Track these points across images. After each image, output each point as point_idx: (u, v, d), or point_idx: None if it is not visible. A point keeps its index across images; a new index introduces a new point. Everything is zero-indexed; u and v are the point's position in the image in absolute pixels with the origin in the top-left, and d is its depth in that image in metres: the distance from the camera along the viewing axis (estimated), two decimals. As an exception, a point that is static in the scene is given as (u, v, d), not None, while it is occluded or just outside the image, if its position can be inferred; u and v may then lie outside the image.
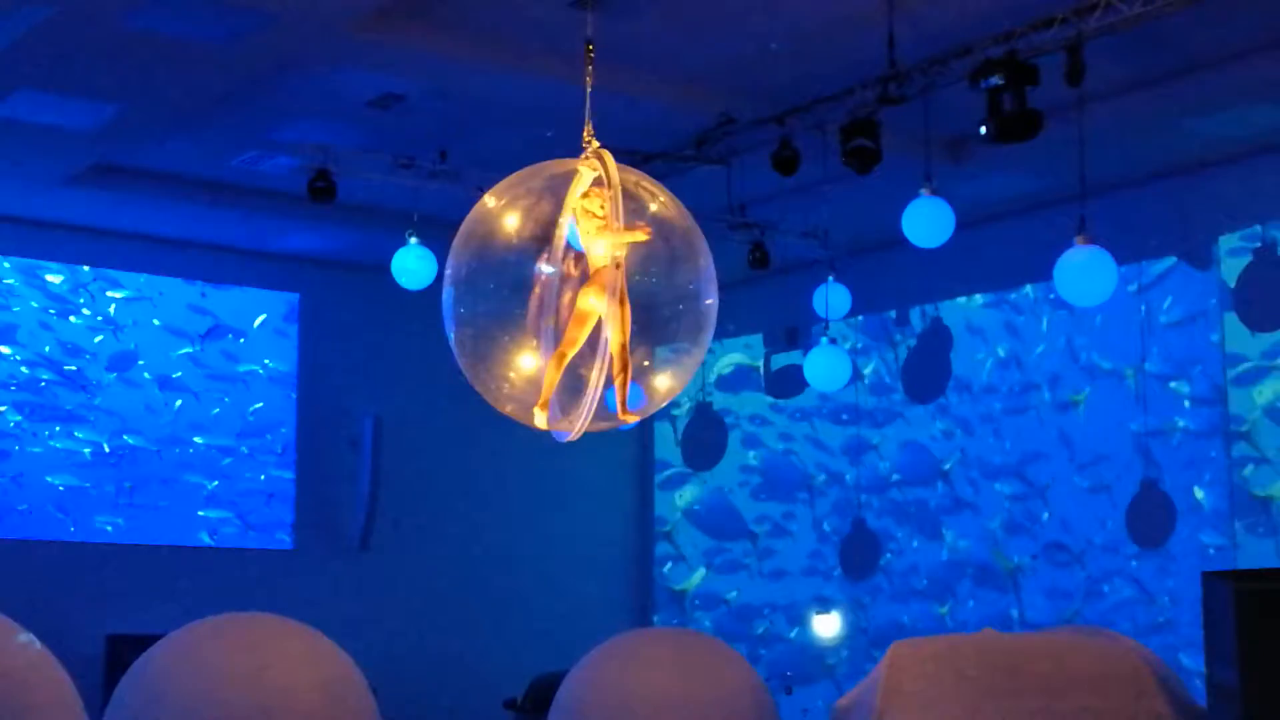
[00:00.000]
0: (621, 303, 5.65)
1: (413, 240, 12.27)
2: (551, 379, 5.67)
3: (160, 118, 11.48)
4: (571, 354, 5.67)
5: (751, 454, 17.00)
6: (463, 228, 5.77)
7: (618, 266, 5.62)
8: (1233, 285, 12.76)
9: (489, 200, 5.78)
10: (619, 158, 5.99)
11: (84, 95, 10.92)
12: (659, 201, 5.83)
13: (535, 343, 5.72)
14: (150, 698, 8.96)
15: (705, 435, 16.79)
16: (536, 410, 5.70)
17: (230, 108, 11.29)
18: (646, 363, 5.82)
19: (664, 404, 6.08)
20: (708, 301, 5.87)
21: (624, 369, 5.66)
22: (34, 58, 10.17)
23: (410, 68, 10.58)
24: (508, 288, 5.77)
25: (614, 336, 5.63)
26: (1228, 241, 12.90)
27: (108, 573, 14.42)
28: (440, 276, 5.97)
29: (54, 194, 13.29)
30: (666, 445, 17.22)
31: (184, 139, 12.14)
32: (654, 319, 5.81)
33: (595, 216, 5.64)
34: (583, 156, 5.83)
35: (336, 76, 10.74)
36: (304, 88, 10.94)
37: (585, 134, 5.92)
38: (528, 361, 5.77)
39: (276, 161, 12.62)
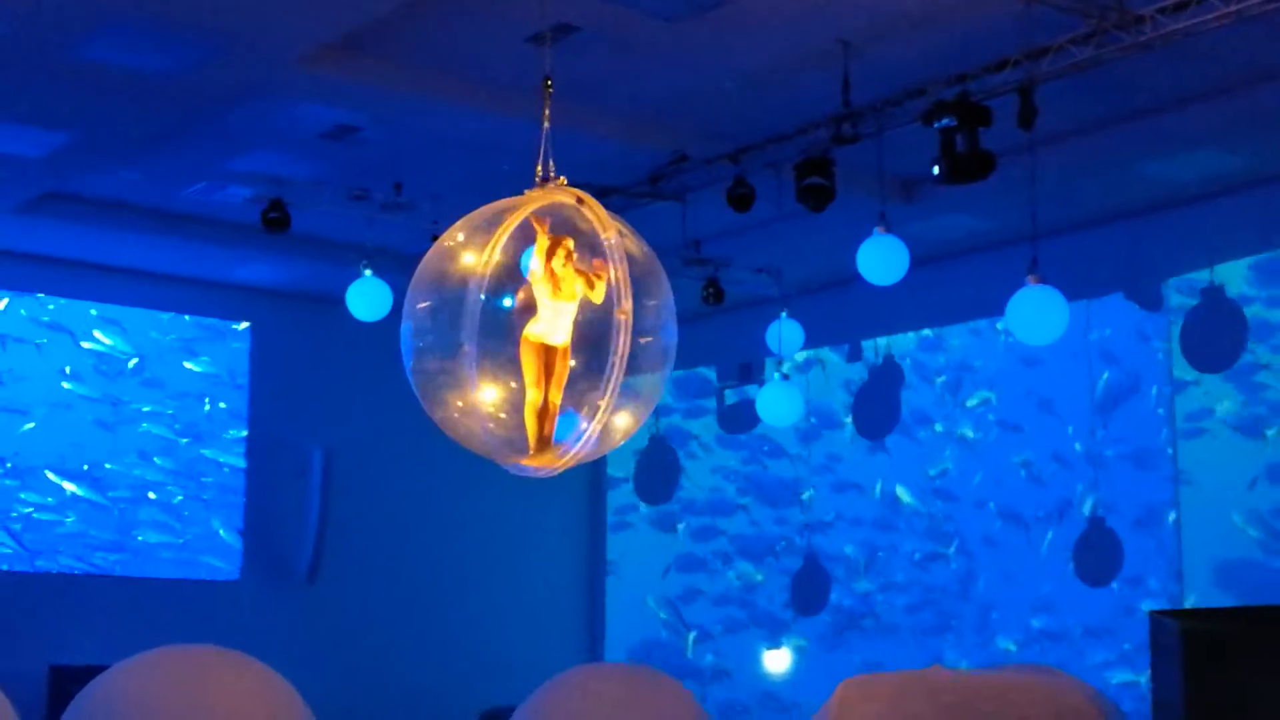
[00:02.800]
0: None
1: (367, 272, 12.25)
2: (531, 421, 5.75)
3: (112, 147, 11.42)
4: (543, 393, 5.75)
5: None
6: (422, 264, 5.80)
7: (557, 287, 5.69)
8: (1180, 327, 12.89)
9: (447, 239, 5.82)
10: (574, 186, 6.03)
11: (35, 123, 10.86)
12: (623, 237, 5.86)
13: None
14: (93, 731, 8.87)
15: (658, 468, 16.79)
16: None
17: (183, 138, 11.24)
18: (604, 400, 5.83)
19: (622, 441, 6.07)
20: (667, 338, 5.89)
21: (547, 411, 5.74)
22: (-15, 85, 10.12)
23: (365, 100, 10.57)
24: (464, 322, 5.80)
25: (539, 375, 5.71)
26: (1176, 283, 13.03)
27: (51, 603, 14.26)
28: (395, 309, 6.01)
29: (3, 221, 13.20)
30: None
31: (136, 168, 12.08)
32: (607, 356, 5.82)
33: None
34: (543, 190, 5.89)
35: (290, 108, 10.71)
36: (258, 119, 10.91)
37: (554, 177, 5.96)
38: (488, 394, 5.80)
39: (229, 192, 12.57)
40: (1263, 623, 8.93)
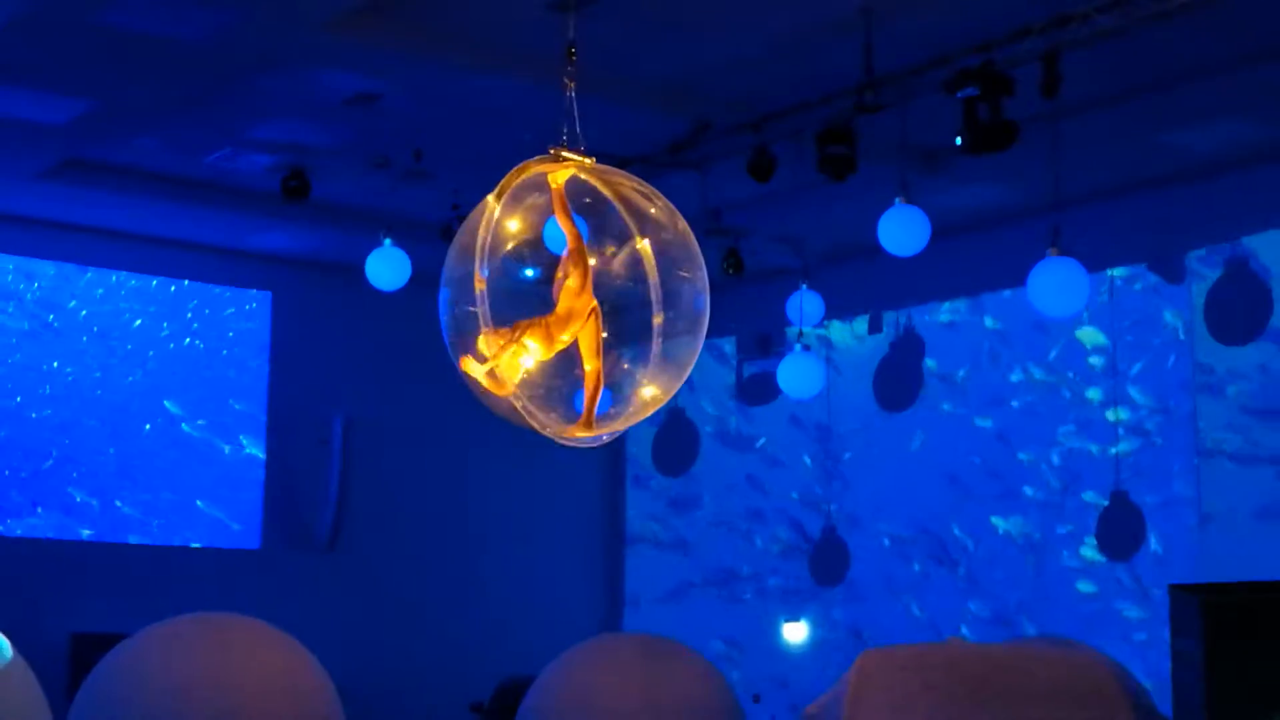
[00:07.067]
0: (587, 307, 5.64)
1: (387, 241, 12.22)
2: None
3: (133, 114, 11.42)
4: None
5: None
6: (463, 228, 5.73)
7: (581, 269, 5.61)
8: (1204, 299, 12.82)
9: (491, 200, 5.75)
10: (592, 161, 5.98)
11: (57, 90, 10.85)
12: (655, 207, 5.81)
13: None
14: (115, 698, 8.93)
15: (677, 441, 16.76)
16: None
17: (204, 105, 11.23)
18: (628, 368, 5.80)
19: (651, 412, 6.04)
20: (699, 309, 5.84)
21: (595, 379, 5.66)
22: (6, 52, 10.10)
23: (386, 67, 10.53)
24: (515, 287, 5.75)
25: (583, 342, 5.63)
26: (1200, 255, 12.96)
27: (73, 570, 14.30)
28: (414, 279, 5.96)
29: (25, 189, 13.21)
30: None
31: (157, 135, 12.07)
32: (642, 325, 5.78)
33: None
34: (557, 162, 5.83)
35: (312, 75, 10.68)
36: (279, 86, 10.88)
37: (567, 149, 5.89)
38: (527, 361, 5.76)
39: (250, 159, 12.55)
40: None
